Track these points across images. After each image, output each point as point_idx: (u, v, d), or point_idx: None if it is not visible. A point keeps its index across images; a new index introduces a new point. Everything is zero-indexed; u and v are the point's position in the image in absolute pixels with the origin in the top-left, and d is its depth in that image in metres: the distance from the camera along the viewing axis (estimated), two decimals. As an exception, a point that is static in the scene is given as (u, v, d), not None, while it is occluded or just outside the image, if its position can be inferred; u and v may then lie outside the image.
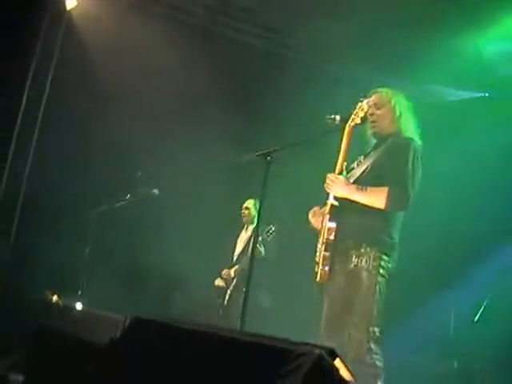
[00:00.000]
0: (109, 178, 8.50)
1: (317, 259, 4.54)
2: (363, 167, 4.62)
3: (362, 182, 4.51)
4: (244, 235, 8.46)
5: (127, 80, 8.57)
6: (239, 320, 7.32)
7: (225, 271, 8.21)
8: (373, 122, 4.66)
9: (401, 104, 4.75)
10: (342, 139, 4.63)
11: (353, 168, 4.72)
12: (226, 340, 2.30)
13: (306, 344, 2.12)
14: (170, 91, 8.75)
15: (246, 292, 4.85)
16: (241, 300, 7.53)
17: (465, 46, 8.63)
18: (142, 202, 7.97)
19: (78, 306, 6.56)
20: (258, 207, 8.09)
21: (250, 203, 8.39)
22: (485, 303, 10.02)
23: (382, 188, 4.39)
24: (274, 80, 9.41)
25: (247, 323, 4.86)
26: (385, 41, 8.96)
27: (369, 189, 4.43)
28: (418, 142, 4.63)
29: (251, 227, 8.36)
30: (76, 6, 8.10)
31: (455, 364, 9.51)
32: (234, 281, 8.02)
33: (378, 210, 4.41)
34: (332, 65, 9.92)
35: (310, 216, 4.86)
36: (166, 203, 8.41)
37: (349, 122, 4.62)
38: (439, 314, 10.00)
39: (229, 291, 8.06)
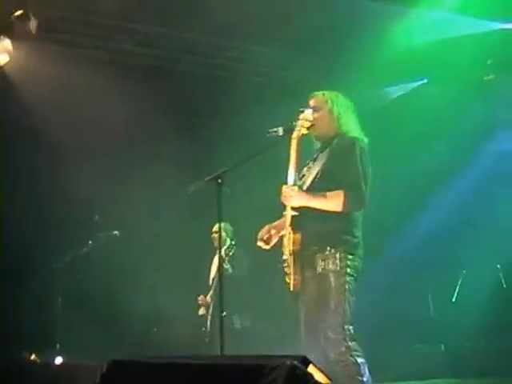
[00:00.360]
0: (67, 227, 8.45)
1: (286, 270, 4.57)
2: (313, 172, 4.64)
3: (315, 188, 4.55)
4: (216, 259, 8.43)
5: (71, 128, 8.56)
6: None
7: (201, 298, 8.19)
8: (313, 125, 4.68)
9: (339, 104, 4.77)
10: (289, 151, 4.66)
11: (304, 175, 4.76)
12: (201, 367, 2.32)
13: (278, 357, 2.15)
14: (116, 132, 8.77)
15: (220, 313, 4.84)
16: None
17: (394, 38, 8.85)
18: (104, 245, 7.92)
19: (58, 360, 6.51)
20: (228, 229, 8.24)
21: (216, 227, 8.35)
22: (459, 281, 10.22)
23: (337, 192, 4.42)
24: (217, 103, 9.51)
25: (230, 344, 4.83)
26: (323, 45, 9.14)
27: (324, 194, 4.47)
28: (364, 139, 4.68)
29: (224, 248, 8.35)
30: (8, 61, 8.09)
31: (442, 347, 9.63)
32: (211, 306, 8.00)
33: (337, 212, 4.45)
34: (270, 78, 10.07)
35: (259, 236, 4.88)
36: (129, 242, 8.40)
37: (294, 133, 4.65)
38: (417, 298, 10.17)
39: (209, 317, 8.04)
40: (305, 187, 4.63)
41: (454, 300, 10.14)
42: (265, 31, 8.85)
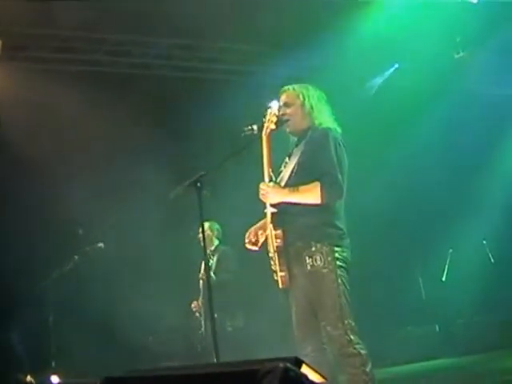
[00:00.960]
0: (53, 243, 8.42)
1: (273, 267, 4.56)
2: (290, 168, 4.64)
3: (292, 183, 4.54)
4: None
5: (48, 142, 8.53)
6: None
7: (194, 304, 8.12)
8: (286, 121, 4.67)
9: (310, 97, 4.75)
10: (261, 148, 4.66)
11: (281, 171, 4.75)
12: (195, 378, 2.32)
13: (270, 360, 2.14)
14: (94, 143, 8.76)
15: (212, 316, 4.83)
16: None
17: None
18: (90, 258, 7.88)
19: (54, 379, 6.46)
20: (215, 228, 8.22)
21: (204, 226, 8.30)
22: (447, 260, 10.30)
23: (314, 184, 4.40)
24: (192, 104, 9.48)
25: (225, 346, 4.83)
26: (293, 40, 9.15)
27: (301, 188, 4.45)
28: (337, 129, 4.66)
29: (211, 249, 8.32)
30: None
31: (436, 327, 9.70)
32: (202, 310, 7.98)
33: (317, 205, 4.43)
34: (243, 75, 10.07)
35: (247, 238, 4.86)
36: (116, 253, 8.38)
37: (263, 130, 4.64)
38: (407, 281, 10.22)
39: (202, 321, 8.01)
40: (283, 183, 4.62)
41: (443, 279, 10.20)
42: (234, 29, 8.84)
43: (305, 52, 9.24)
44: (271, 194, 4.52)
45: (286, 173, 4.66)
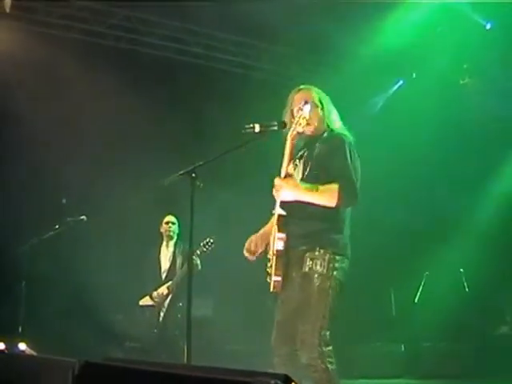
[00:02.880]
0: (35, 209, 8.35)
1: (268, 270, 4.49)
2: (301, 169, 4.57)
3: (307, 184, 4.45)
4: (166, 252, 8.28)
5: (41, 107, 8.47)
6: (178, 332, 7.40)
7: (156, 293, 8.01)
8: (308, 123, 4.54)
9: (325, 100, 4.72)
10: (285, 149, 4.55)
11: (291, 174, 4.59)
12: (182, 379, 2.29)
13: (260, 374, 2.12)
14: (85, 114, 8.70)
15: (189, 305, 4.80)
16: (178, 314, 7.59)
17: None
18: (71, 229, 7.80)
19: (21, 346, 6.41)
20: (175, 221, 8.19)
21: (171, 218, 8.26)
22: (422, 282, 10.33)
23: (332, 185, 4.32)
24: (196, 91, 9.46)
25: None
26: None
27: (320, 187, 4.34)
28: (350, 136, 4.61)
29: (172, 243, 8.25)
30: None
31: (402, 347, 9.73)
32: (169, 298, 7.92)
33: (328, 209, 4.36)
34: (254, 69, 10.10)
35: (246, 245, 4.79)
36: (97, 228, 8.33)
37: (291, 130, 4.51)
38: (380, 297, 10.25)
39: (163, 308, 7.94)
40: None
41: (416, 301, 10.24)
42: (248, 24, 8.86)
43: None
44: (286, 190, 4.40)
45: (296, 175, 4.58)
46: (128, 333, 8.20)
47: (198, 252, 7.52)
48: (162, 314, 7.90)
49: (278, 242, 4.42)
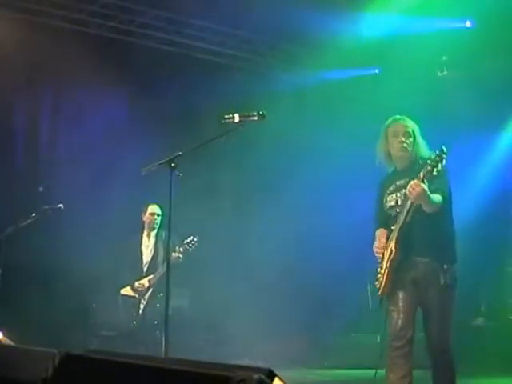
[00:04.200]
0: (11, 197, 8.29)
1: (379, 276, 4.98)
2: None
3: (417, 209, 4.83)
4: (147, 242, 8.25)
5: (22, 92, 8.43)
6: (157, 322, 7.41)
7: (137, 284, 7.99)
8: (407, 148, 5.10)
9: (417, 132, 5.22)
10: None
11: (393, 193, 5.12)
12: (163, 372, 2.29)
13: (243, 368, 2.12)
14: (66, 100, 8.65)
15: (166, 297, 4.86)
16: (157, 304, 7.58)
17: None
18: (47, 217, 7.74)
19: (-1, 334, 6.36)
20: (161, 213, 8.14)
21: (156, 208, 8.20)
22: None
23: (438, 196, 4.79)
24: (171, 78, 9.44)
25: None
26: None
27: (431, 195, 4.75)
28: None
29: (153, 233, 8.23)
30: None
31: (378, 338, 9.77)
32: (149, 291, 7.91)
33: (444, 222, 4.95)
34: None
35: (378, 238, 5.17)
36: (75, 216, 8.28)
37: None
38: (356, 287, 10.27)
39: (143, 300, 7.93)
40: (405, 208, 4.87)
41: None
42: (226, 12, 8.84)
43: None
44: (417, 194, 4.68)
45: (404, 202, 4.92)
46: (106, 321, 8.20)
47: (181, 250, 7.54)
48: (141, 307, 7.91)
49: (392, 258, 4.85)
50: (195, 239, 7.64)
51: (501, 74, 9.22)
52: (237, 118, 5.03)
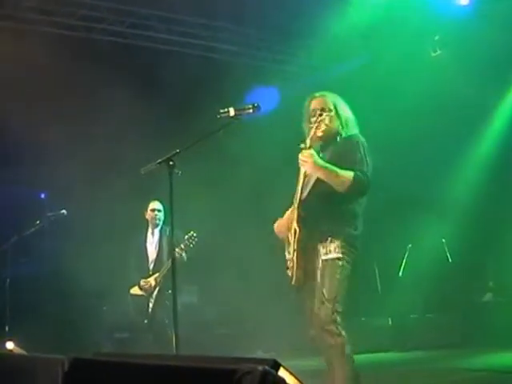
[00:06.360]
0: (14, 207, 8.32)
1: (289, 264, 4.76)
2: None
3: (321, 184, 4.69)
4: (152, 239, 8.23)
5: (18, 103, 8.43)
6: (168, 321, 7.41)
7: (143, 283, 7.99)
8: (321, 125, 4.83)
9: (339, 106, 4.98)
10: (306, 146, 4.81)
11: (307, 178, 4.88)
12: (170, 370, 2.30)
13: (248, 360, 2.13)
14: (65, 101, 8.67)
15: (174, 295, 4.87)
16: (166, 301, 7.57)
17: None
18: (52, 224, 7.76)
19: (9, 345, 6.39)
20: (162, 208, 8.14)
21: (156, 204, 8.19)
22: (406, 255, 10.39)
23: (348, 172, 4.61)
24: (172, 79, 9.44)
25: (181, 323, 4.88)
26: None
27: (338, 170, 4.61)
28: (362, 138, 4.90)
29: (157, 230, 8.21)
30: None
31: (389, 321, 9.80)
32: (157, 289, 7.92)
33: (345, 207, 4.72)
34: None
35: (275, 227, 5.02)
36: (79, 221, 8.30)
37: (310, 134, 4.80)
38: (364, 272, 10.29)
39: (152, 299, 7.93)
40: (312, 181, 4.77)
41: (400, 274, 10.31)
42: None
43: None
44: (311, 163, 4.63)
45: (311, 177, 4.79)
46: (117, 322, 8.23)
47: (182, 246, 7.54)
48: (150, 305, 7.91)
49: (298, 239, 4.67)
50: (195, 234, 7.64)
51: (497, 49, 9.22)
52: (232, 111, 5.01)
